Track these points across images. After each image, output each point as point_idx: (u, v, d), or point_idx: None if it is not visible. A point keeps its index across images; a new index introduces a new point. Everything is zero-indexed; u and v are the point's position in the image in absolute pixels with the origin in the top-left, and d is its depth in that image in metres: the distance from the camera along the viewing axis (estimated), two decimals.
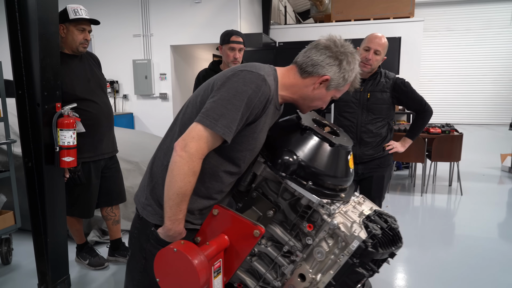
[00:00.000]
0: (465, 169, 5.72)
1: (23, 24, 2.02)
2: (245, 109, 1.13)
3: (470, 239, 3.41)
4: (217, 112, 1.11)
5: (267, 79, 1.17)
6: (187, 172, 1.11)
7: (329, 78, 1.22)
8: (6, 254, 2.85)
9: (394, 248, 1.21)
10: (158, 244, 1.21)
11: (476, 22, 9.93)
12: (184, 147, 1.10)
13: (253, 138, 1.22)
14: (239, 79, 1.14)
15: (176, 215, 1.15)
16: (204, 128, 1.11)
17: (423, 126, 2.41)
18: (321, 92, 1.25)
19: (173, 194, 1.12)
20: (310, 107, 1.32)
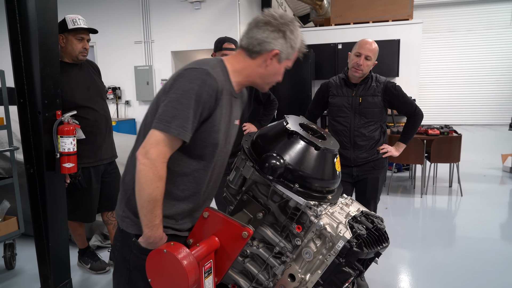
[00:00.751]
0: (466, 170, 5.72)
1: (24, 34, 2.09)
2: (196, 106, 1.15)
3: (471, 240, 3.42)
4: (168, 115, 1.13)
5: (212, 72, 1.18)
6: (152, 178, 1.13)
7: (279, 51, 1.25)
8: (10, 259, 2.91)
9: (380, 247, 1.25)
10: (141, 253, 1.22)
11: (476, 22, 9.93)
12: (145, 155, 1.13)
13: (214, 131, 1.23)
14: (184, 79, 1.17)
15: (152, 222, 1.16)
16: (160, 133, 1.13)
17: (415, 130, 2.44)
18: (274, 66, 1.29)
19: (144, 202, 1.14)
20: (268, 83, 1.35)
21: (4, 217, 2.93)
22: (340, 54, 6.72)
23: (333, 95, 2.40)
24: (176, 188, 1.26)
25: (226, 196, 1.51)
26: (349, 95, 2.34)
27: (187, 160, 1.25)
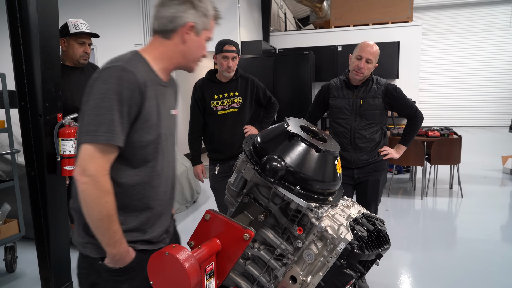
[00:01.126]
0: (466, 171, 5.73)
1: (25, 37, 2.10)
2: (119, 106, 1.07)
3: (472, 242, 3.42)
4: (93, 124, 1.06)
5: (127, 66, 1.11)
6: (98, 195, 1.07)
7: (193, 23, 1.19)
8: (10, 262, 2.91)
9: (381, 249, 1.24)
10: (111, 275, 1.19)
11: (476, 24, 9.96)
12: (83, 173, 1.06)
13: (150, 126, 1.16)
14: (99, 82, 1.10)
15: (113, 238, 1.11)
16: (90, 145, 1.06)
17: (415, 132, 2.44)
18: (193, 40, 1.21)
19: (98, 221, 1.09)
20: (194, 61, 1.27)
21: (5, 219, 2.94)
22: (340, 56, 6.74)
23: (333, 97, 2.41)
24: (132, 199, 1.19)
25: (227, 198, 1.52)
26: (350, 97, 2.35)
27: (134, 165, 1.17)
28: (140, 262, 1.22)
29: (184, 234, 3.99)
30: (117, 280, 1.21)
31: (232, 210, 1.47)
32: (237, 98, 2.58)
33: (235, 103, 2.58)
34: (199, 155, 2.71)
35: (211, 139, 2.61)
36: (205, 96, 2.55)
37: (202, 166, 2.70)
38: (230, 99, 2.56)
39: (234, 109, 2.58)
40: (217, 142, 2.59)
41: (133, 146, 1.15)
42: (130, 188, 1.18)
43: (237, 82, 2.59)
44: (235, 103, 2.58)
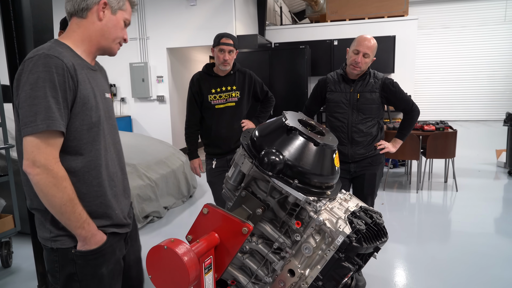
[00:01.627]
0: (461, 165, 5.77)
1: (18, 31, 2.07)
2: (53, 92, 1.08)
3: (466, 235, 3.46)
4: (30, 115, 1.06)
5: (49, 53, 1.10)
6: (54, 182, 1.08)
7: (106, 0, 1.22)
8: (6, 257, 2.89)
9: (379, 242, 1.25)
10: (87, 260, 1.22)
11: (471, 19, 9.98)
12: (33, 165, 1.06)
13: (89, 109, 1.18)
14: (25, 73, 1.09)
15: (79, 220, 1.15)
16: (33, 136, 1.06)
17: (411, 126, 2.45)
18: (109, 19, 1.24)
19: (61, 207, 1.10)
20: (114, 40, 1.28)
21: (0, 215, 2.92)
22: (336, 51, 6.73)
23: (331, 91, 2.40)
24: (88, 186, 1.21)
25: (225, 192, 1.51)
26: (347, 91, 2.35)
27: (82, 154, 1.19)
28: (112, 245, 1.28)
29: (181, 228, 4.01)
30: (94, 264, 1.24)
31: (230, 204, 1.47)
32: (234, 92, 2.56)
33: (233, 97, 2.57)
34: (196, 150, 2.70)
35: (208, 133, 2.60)
36: (202, 90, 2.54)
37: (199, 161, 2.69)
38: (227, 93, 2.55)
39: (232, 103, 2.57)
40: (214, 136, 2.58)
41: (77, 131, 1.16)
42: (85, 174, 1.20)
43: (234, 76, 2.58)
44: (233, 97, 2.57)
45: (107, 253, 1.27)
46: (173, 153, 4.72)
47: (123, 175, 1.39)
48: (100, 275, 1.27)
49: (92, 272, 1.25)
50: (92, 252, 1.22)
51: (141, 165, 3.94)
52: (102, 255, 1.25)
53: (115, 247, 1.29)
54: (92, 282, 1.26)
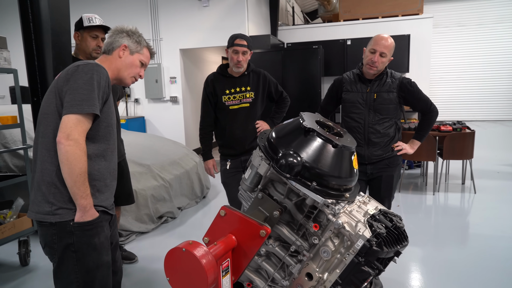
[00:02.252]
0: (479, 166, 5.63)
1: (37, 33, 2.10)
2: (98, 89, 1.42)
3: (486, 238, 3.37)
4: (78, 99, 1.37)
5: (99, 64, 1.48)
6: (80, 154, 1.37)
7: (126, 44, 1.61)
8: (24, 256, 2.94)
9: (400, 246, 1.22)
10: (84, 230, 1.44)
11: (487, 16, 9.77)
12: (68, 137, 1.34)
13: (110, 112, 1.52)
14: (80, 72, 1.41)
15: (85, 191, 1.41)
16: (75, 115, 1.36)
17: (430, 127, 2.39)
18: (127, 57, 1.62)
19: (77, 176, 1.36)
20: (128, 75, 1.64)
21: (18, 214, 2.97)
22: (349, 50, 6.66)
23: (347, 91, 2.37)
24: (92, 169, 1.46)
25: (241, 194, 1.50)
26: (363, 91, 2.31)
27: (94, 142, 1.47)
28: (101, 221, 1.53)
29: (195, 229, 4.00)
30: (89, 234, 1.47)
31: (246, 206, 1.46)
32: (249, 93, 2.55)
33: (247, 98, 2.55)
34: (210, 150, 2.69)
35: (223, 134, 2.60)
36: (216, 91, 2.53)
37: (213, 161, 2.69)
38: (242, 94, 2.54)
39: (246, 104, 2.55)
40: (229, 137, 2.57)
41: (98, 124, 1.47)
42: (93, 158, 1.47)
43: (249, 77, 2.57)
44: (247, 98, 2.55)
45: (99, 226, 1.51)
46: (187, 153, 4.74)
47: (115, 172, 1.64)
48: (93, 244, 1.48)
49: (87, 241, 1.46)
50: (88, 223, 1.45)
51: (155, 166, 3.96)
52: (95, 227, 1.49)
53: (104, 224, 1.55)
54: (87, 250, 1.47)
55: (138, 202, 3.47)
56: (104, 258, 1.54)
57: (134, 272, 2.87)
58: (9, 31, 5.08)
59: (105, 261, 1.55)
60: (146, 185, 3.65)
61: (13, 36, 4.05)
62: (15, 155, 3.38)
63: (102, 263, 1.53)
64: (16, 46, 3.57)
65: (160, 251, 3.21)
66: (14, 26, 7.21)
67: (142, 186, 3.60)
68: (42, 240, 1.51)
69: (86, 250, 1.47)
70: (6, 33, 3.40)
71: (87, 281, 1.49)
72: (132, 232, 3.44)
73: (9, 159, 3.39)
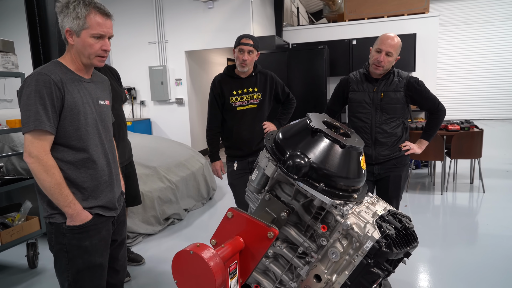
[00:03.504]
0: (487, 165, 5.57)
1: (44, 38, 2.11)
2: (41, 101, 1.39)
3: (496, 238, 3.32)
4: (25, 118, 1.40)
5: (42, 71, 1.42)
6: (45, 169, 1.40)
7: (68, 28, 1.46)
8: (32, 258, 2.96)
9: (409, 247, 1.21)
10: (74, 233, 1.50)
11: (494, 14, 9.67)
12: (29, 155, 1.40)
13: (76, 114, 1.47)
14: (25, 87, 1.41)
15: (66, 200, 1.44)
16: (28, 133, 1.40)
17: (437, 126, 2.36)
18: (78, 41, 1.47)
19: (51, 189, 1.41)
20: (89, 56, 1.49)
21: (27, 217, 2.99)
22: (355, 50, 6.63)
23: (353, 90, 2.35)
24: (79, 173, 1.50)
25: (248, 195, 1.50)
26: (370, 91, 2.29)
27: (73, 148, 1.49)
28: (96, 224, 1.55)
29: (201, 230, 4.00)
30: (79, 237, 1.52)
31: (253, 208, 1.45)
32: (256, 94, 2.55)
33: (254, 99, 2.55)
34: (218, 152, 2.69)
35: (230, 135, 2.59)
36: (224, 92, 2.53)
37: (221, 163, 2.68)
38: (249, 95, 2.54)
39: (253, 105, 2.55)
40: (236, 138, 2.56)
41: (67, 130, 1.46)
42: (76, 163, 1.50)
43: (256, 78, 2.56)
44: (254, 99, 2.55)
45: (91, 230, 1.54)
46: (193, 155, 4.74)
47: (109, 168, 1.62)
48: (84, 247, 1.53)
49: (77, 244, 1.52)
50: (78, 227, 1.50)
51: (162, 168, 3.97)
52: (86, 231, 1.52)
53: (100, 227, 1.57)
54: (77, 252, 1.52)
55: (144, 204, 3.48)
56: (96, 260, 1.57)
57: (141, 274, 2.87)
58: (16, 35, 5.13)
59: (97, 263, 1.58)
60: (153, 187, 3.66)
61: (20, 40, 4.09)
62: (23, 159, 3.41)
63: (94, 264, 1.57)
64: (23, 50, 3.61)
65: (166, 253, 3.22)
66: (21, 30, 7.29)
67: (149, 188, 3.61)
68: (47, 235, 1.61)
69: (76, 252, 1.53)
70: (13, 37, 3.43)
71: (78, 280, 1.55)
72: (139, 234, 3.45)
73: (17, 162, 3.42)
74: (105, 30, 1.49)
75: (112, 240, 1.69)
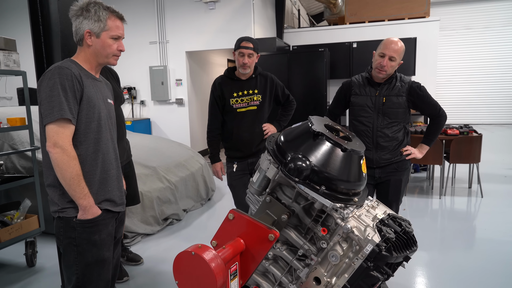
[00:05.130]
0: (486, 170, 5.59)
1: (46, 36, 2.12)
2: (64, 93, 1.45)
3: (492, 242, 3.34)
4: (49, 108, 1.44)
5: (63, 65, 1.49)
6: (68, 159, 1.45)
7: (88, 29, 1.55)
8: (31, 257, 2.96)
9: (409, 251, 1.22)
10: (84, 227, 1.54)
11: (494, 19, 9.72)
12: (54, 145, 1.43)
13: (92, 106, 1.54)
14: (45, 80, 1.46)
15: (82, 192, 1.49)
16: (51, 123, 1.44)
17: (438, 131, 2.38)
18: (97, 42, 1.57)
19: (70, 180, 1.45)
20: (107, 56, 1.60)
21: (26, 215, 2.99)
22: (355, 53, 6.65)
23: (355, 94, 2.36)
24: (91, 165, 1.55)
25: (249, 197, 1.50)
26: (372, 95, 2.30)
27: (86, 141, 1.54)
28: (104, 219, 1.60)
29: (199, 231, 4.00)
30: (89, 231, 1.56)
31: (254, 210, 1.46)
32: (256, 95, 2.56)
33: (254, 100, 2.56)
34: (218, 153, 2.70)
35: (230, 136, 2.60)
36: (224, 94, 2.54)
37: (221, 164, 2.69)
38: (249, 96, 2.55)
39: (253, 107, 2.56)
40: (236, 139, 2.57)
41: (82, 122, 1.52)
42: (88, 156, 1.55)
43: (256, 80, 2.57)
44: (254, 100, 2.56)
45: (100, 224, 1.58)
46: (192, 155, 4.75)
47: (116, 163, 1.69)
48: (93, 241, 1.57)
49: (87, 237, 1.55)
50: (89, 221, 1.54)
51: (161, 168, 3.97)
52: (96, 225, 1.57)
53: (107, 222, 1.62)
54: (87, 246, 1.56)
55: (143, 204, 3.48)
56: (105, 254, 1.62)
57: (139, 274, 2.87)
58: (17, 33, 5.13)
59: (105, 257, 1.63)
60: (152, 187, 3.66)
61: (23, 39, 4.09)
62: (23, 157, 3.41)
63: (102, 258, 1.61)
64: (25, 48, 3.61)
65: (165, 253, 3.22)
66: (22, 28, 7.29)
67: (148, 188, 3.61)
68: (54, 230, 1.62)
69: (86, 245, 1.56)
70: (15, 35, 3.44)
71: (86, 274, 1.58)
72: (137, 234, 3.45)
73: (16, 161, 3.42)
74: (121, 32, 1.63)
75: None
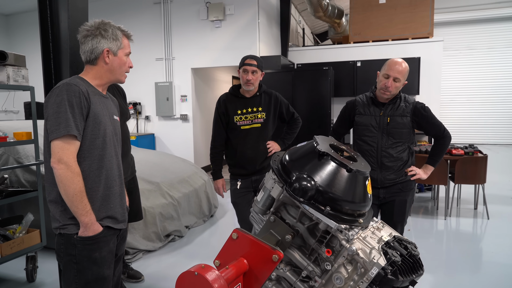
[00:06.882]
0: (491, 191, 5.53)
1: (55, 53, 2.16)
2: (71, 109, 1.46)
3: (500, 266, 3.27)
4: (55, 124, 1.45)
5: (71, 82, 1.51)
6: (72, 176, 1.45)
7: (108, 48, 1.58)
8: (31, 272, 2.93)
9: (415, 275, 1.19)
10: (85, 244, 1.54)
11: (497, 40, 9.80)
12: (59, 161, 1.44)
13: (98, 123, 1.56)
14: (53, 96, 1.48)
15: (85, 209, 1.49)
16: (57, 140, 1.45)
17: (443, 152, 2.36)
18: (114, 60, 1.61)
19: (73, 196, 1.45)
20: (121, 74, 1.66)
21: (28, 229, 2.98)
22: (359, 72, 6.71)
23: (360, 113, 2.36)
24: (94, 182, 1.56)
25: (253, 216, 1.49)
26: (376, 115, 2.30)
27: (90, 157, 1.54)
28: (105, 236, 1.59)
29: (201, 248, 3.96)
30: (90, 248, 1.55)
31: (257, 229, 1.44)
32: (260, 113, 2.57)
33: (258, 118, 2.57)
34: (220, 170, 2.70)
35: (233, 154, 2.60)
36: (228, 111, 2.56)
37: (223, 181, 2.68)
38: (253, 114, 2.56)
39: (257, 125, 2.57)
40: (240, 157, 2.57)
41: (87, 138, 1.53)
42: (91, 172, 1.56)
43: (260, 98, 2.59)
44: (258, 118, 2.57)
45: (101, 241, 1.58)
46: (196, 171, 4.74)
47: (120, 180, 1.69)
48: (93, 259, 1.57)
49: (87, 255, 1.55)
50: (90, 238, 1.54)
51: (164, 184, 3.97)
52: (97, 242, 1.57)
53: (109, 239, 1.62)
54: (87, 263, 1.56)
55: (146, 220, 3.46)
56: (105, 272, 1.61)
57: None
58: (27, 49, 5.24)
59: (105, 275, 1.62)
60: (155, 203, 3.65)
61: (32, 55, 4.17)
62: (27, 170, 3.42)
63: (102, 276, 1.60)
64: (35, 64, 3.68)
65: (166, 270, 3.18)
66: (30, 43, 7.43)
67: (151, 203, 3.60)
68: (55, 246, 1.62)
69: (86, 263, 1.56)
70: (25, 51, 3.51)
71: None
72: (139, 250, 3.42)
73: (20, 174, 3.43)
74: (130, 49, 1.70)
75: None
